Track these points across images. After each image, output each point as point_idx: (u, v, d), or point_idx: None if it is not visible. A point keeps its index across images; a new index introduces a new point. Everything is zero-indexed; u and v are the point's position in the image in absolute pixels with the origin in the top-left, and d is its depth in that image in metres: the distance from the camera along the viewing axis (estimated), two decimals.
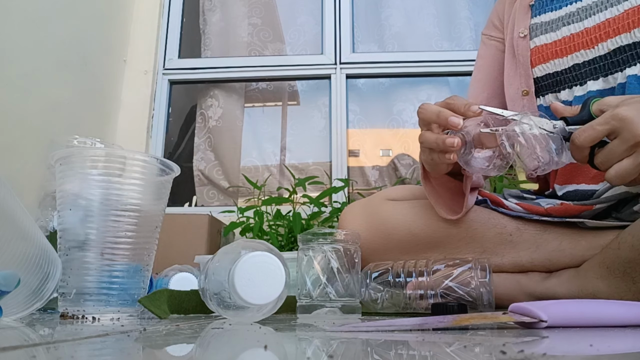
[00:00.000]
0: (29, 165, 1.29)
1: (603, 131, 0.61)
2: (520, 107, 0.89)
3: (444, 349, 0.36)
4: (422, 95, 2.00)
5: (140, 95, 1.94)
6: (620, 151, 0.60)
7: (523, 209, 0.83)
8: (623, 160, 0.60)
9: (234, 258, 0.57)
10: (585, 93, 0.82)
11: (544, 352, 0.34)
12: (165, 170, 0.71)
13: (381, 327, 0.52)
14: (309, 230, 0.74)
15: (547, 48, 0.86)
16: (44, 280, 0.60)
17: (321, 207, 1.58)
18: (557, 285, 0.78)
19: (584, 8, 0.83)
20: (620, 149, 0.60)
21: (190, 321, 0.63)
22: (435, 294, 0.70)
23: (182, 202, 2.02)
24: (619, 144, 0.60)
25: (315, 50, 2.07)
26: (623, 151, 0.60)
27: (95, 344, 0.39)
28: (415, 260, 0.77)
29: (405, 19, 2.09)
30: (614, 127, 0.60)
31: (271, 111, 2.14)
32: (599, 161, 0.63)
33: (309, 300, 0.70)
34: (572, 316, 0.50)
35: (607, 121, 0.60)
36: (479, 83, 1.00)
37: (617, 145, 0.60)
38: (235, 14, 2.16)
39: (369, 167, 2.00)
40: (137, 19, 2.03)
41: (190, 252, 1.16)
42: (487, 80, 0.99)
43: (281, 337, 0.47)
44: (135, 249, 0.67)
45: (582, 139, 0.62)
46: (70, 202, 0.66)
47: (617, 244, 0.70)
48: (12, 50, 1.33)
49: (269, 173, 1.99)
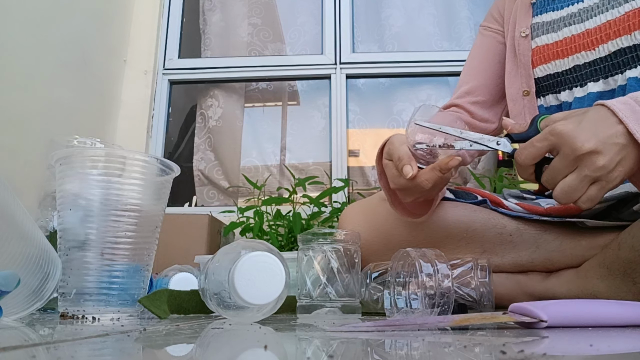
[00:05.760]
0: (29, 165, 1.29)
1: (543, 148, 0.58)
2: (521, 107, 0.90)
3: (444, 349, 0.36)
4: (422, 95, 2.00)
5: (140, 95, 1.94)
6: (563, 167, 0.57)
7: (523, 209, 0.83)
8: (567, 176, 0.58)
9: (234, 258, 0.57)
10: (585, 94, 0.82)
11: (544, 352, 0.34)
12: (165, 170, 0.71)
13: (381, 327, 0.52)
14: (309, 230, 0.74)
15: (548, 48, 0.86)
16: (44, 280, 0.60)
17: (321, 207, 1.58)
18: (557, 285, 0.78)
19: (585, 9, 0.83)
20: (562, 164, 0.57)
21: (190, 321, 0.63)
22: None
23: (182, 202, 2.02)
24: (560, 160, 0.57)
25: (315, 50, 2.06)
26: (565, 167, 0.57)
27: (95, 344, 0.39)
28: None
29: (405, 19, 2.09)
30: (553, 142, 0.57)
31: (271, 111, 2.14)
32: (545, 179, 0.60)
33: (309, 300, 0.70)
34: (572, 316, 0.50)
35: (546, 137, 0.58)
36: (470, 71, 1.00)
37: (558, 162, 0.58)
38: (235, 14, 2.16)
39: (369, 167, 2.00)
40: (137, 19, 2.03)
41: (190, 252, 1.16)
42: (479, 68, 0.98)
43: (281, 337, 0.47)
44: (135, 249, 0.67)
45: (523, 157, 0.60)
46: (70, 202, 0.66)
47: (617, 245, 0.70)
48: (12, 50, 1.33)
49: (269, 173, 1.99)
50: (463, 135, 0.64)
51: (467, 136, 0.64)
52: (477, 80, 0.97)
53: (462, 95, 0.98)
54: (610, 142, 0.56)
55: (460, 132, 0.64)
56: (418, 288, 0.61)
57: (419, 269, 0.60)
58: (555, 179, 0.59)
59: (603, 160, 0.55)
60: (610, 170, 0.56)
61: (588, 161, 0.56)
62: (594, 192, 0.58)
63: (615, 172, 0.56)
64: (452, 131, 0.64)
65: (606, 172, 0.56)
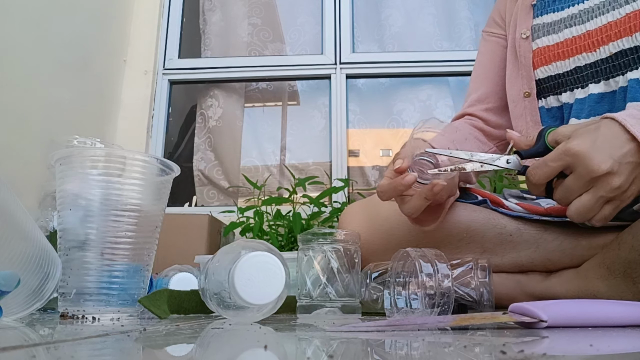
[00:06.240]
0: (29, 165, 1.29)
1: (557, 167, 0.58)
2: (521, 108, 0.89)
3: (444, 349, 0.36)
4: (422, 95, 2.00)
5: (140, 95, 1.94)
6: (577, 187, 0.57)
7: (523, 209, 0.83)
8: (582, 195, 0.58)
9: (234, 258, 0.57)
10: (586, 96, 0.82)
11: (544, 352, 0.34)
12: (165, 170, 0.71)
13: (381, 327, 0.52)
14: (309, 230, 0.74)
15: (549, 50, 0.86)
16: (44, 280, 0.60)
17: (321, 207, 1.58)
18: (557, 285, 0.78)
19: (586, 10, 0.83)
20: (577, 185, 0.57)
21: (190, 321, 0.63)
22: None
23: (182, 202, 2.02)
24: (575, 180, 0.57)
25: (315, 50, 2.07)
26: (580, 187, 0.57)
27: (95, 344, 0.39)
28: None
29: (405, 19, 2.09)
30: (568, 162, 0.57)
31: (271, 111, 2.14)
32: (558, 197, 0.60)
33: (309, 300, 0.70)
34: (572, 316, 0.50)
35: (560, 157, 0.58)
36: (478, 78, 1.00)
37: (573, 182, 0.58)
38: (235, 14, 2.16)
39: (369, 167, 2.00)
40: (137, 19, 2.03)
41: (190, 252, 1.16)
42: (487, 75, 0.98)
43: (281, 337, 0.47)
44: (135, 249, 0.67)
45: (538, 177, 0.60)
46: (70, 202, 0.66)
47: (617, 245, 0.70)
48: (12, 50, 1.33)
49: (269, 173, 1.99)
50: (474, 157, 0.64)
51: (477, 158, 0.64)
52: (487, 87, 0.97)
53: (473, 103, 0.98)
54: (624, 161, 0.56)
55: (471, 155, 0.64)
56: (418, 288, 0.61)
57: (419, 269, 0.60)
58: (568, 198, 0.59)
59: (619, 180, 0.56)
60: (624, 190, 0.57)
61: (604, 182, 0.56)
62: (608, 211, 0.58)
63: (629, 192, 0.57)
64: (463, 154, 0.64)
65: (621, 192, 0.57)
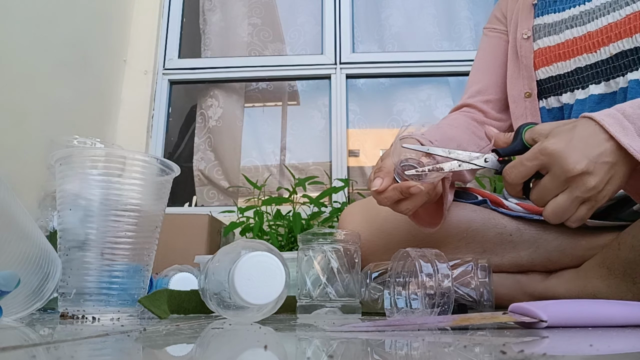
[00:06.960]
0: (29, 165, 1.29)
1: (532, 167, 0.58)
2: (522, 108, 0.89)
3: (444, 349, 0.36)
4: (422, 95, 2.00)
5: (140, 95, 1.94)
6: (553, 187, 0.57)
7: (523, 209, 0.83)
8: (558, 196, 0.57)
9: (234, 258, 0.57)
10: (587, 96, 0.82)
11: (544, 352, 0.34)
12: (165, 170, 0.71)
13: (381, 327, 0.52)
14: (309, 230, 0.74)
15: (550, 51, 0.86)
16: (44, 280, 0.60)
17: (321, 207, 1.58)
18: (557, 285, 0.78)
19: (587, 12, 0.83)
20: (553, 185, 0.57)
21: (190, 321, 0.63)
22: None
23: (182, 202, 2.02)
24: (551, 180, 0.57)
25: (315, 50, 2.06)
26: (556, 187, 0.57)
27: (95, 344, 0.39)
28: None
29: (405, 19, 2.08)
30: (544, 162, 0.57)
31: (271, 111, 2.14)
32: (534, 198, 0.60)
33: (309, 300, 0.70)
34: (572, 316, 0.50)
35: (536, 156, 0.57)
36: (479, 71, 0.99)
37: (549, 182, 0.57)
38: (235, 14, 2.15)
39: (369, 167, 2.00)
40: (137, 19, 2.03)
41: (190, 252, 1.16)
42: (488, 68, 0.98)
43: (281, 337, 0.47)
44: (135, 249, 0.67)
45: (513, 177, 0.59)
46: (70, 202, 0.66)
47: (617, 245, 0.70)
48: (12, 50, 1.33)
49: (269, 173, 1.99)
50: (451, 155, 0.63)
51: (455, 156, 0.62)
52: (488, 79, 0.96)
53: (473, 94, 0.97)
54: (600, 161, 0.55)
55: (449, 152, 0.63)
56: (418, 288, 0.61)
57: (419, 269, 0.60)
58: (544, 198, 0.58)
59: (594, 180, 0.55)
60: (600, 190, 0.56)
61: (579, 182, 0.56)
62: (584, 212, 0.58)
63: (604, 192, 0.57)
64: (441, 151, 0.63)
65: (596, 192, 0.56)
